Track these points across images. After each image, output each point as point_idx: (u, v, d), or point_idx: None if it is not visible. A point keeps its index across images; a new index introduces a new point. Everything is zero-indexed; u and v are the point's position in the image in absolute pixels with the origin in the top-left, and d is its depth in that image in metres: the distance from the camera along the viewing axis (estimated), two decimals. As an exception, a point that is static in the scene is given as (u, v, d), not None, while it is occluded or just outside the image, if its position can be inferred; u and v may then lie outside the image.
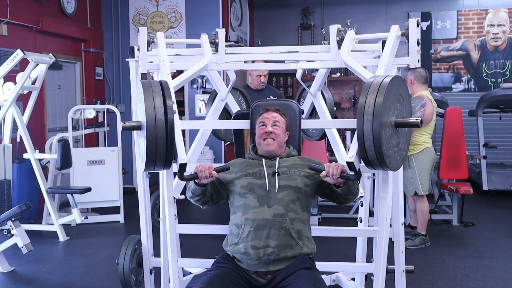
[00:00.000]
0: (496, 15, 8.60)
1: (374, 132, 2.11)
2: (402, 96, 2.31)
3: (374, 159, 2.17)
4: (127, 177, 6.85)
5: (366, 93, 2.17)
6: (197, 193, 2.51)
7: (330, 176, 2.31)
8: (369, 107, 2.13)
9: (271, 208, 2.46)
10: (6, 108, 5.05)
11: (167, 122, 2.21)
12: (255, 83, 5.10)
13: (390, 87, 2.17)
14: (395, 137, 2.25)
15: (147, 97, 2.23)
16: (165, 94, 2.26)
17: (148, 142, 2.20)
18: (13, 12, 5.86)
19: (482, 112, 6.94)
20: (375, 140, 2.11)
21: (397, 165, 2.31)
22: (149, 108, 2.20)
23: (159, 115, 2.20)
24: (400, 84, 2.29)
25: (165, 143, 2.22)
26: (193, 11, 7.57)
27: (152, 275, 3.17)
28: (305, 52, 3.03)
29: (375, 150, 2.13)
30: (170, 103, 2.24)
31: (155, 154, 2.22)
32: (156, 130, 2.19)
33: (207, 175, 2.38)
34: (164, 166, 2.31)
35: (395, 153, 2.27)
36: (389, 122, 2.18)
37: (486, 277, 3.97)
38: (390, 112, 2.19)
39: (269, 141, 2.62)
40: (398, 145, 2.29)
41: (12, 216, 4.09)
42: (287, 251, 2.43)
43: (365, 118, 2.13)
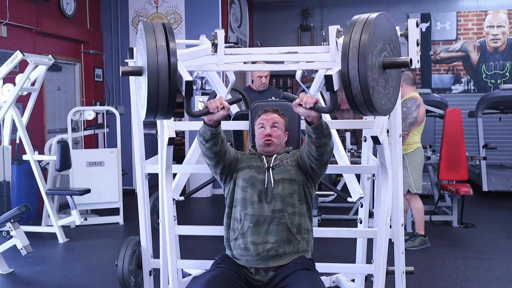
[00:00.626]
0: (495, 16, 8.61)
1: (360, 71, 1.91)
2: (391, 38, 2.13)
3: (361, 103, 1.95)
4: (127, 179, 6.85)
5: (351, 31, 1.98)
6: (207, 137, 2.36)
7: (303, 104, 2.15)
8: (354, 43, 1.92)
9: (269, 204, 2.47)
10: (6, 109, 5.04)
11: (170, 65, 2.01)
12: (256, 84, 5.12)
13: (376, 23, 1.99)
14: (382, 81, 2.05)
15: (148, 38, 2.03)
16: (168, 35, 2.06)
17: (149, 87, 2.01)
18: (13, 13, 5.86)
19: (482, 113, 6.94)
20: (362, 81, 1.91)
21: (382, 107, 2.05)
22: (150, 51, 2.01)
23: (162, 58, 2.01)
24: (388, 23, 2.11)
25: (168, 88, 2.02)
26: (192, 13, 7.58)
27: (151, 276, 3.16)
28: (304, 53, 3.03)
29: (362, 92, 1.92)
30: (173, 45, 2.04)
31: (157, 100, 2.03)
32: (158, 74, 2.00)
33: (218, 105, 2.22)
34: (167, 114, 2.11)
35: (381, 93, 2.04)
36: (376, 62, 1.98)
37: (486, 278, 3.96)
38: (376, 50, 1.99)
39: (268, 142, 2.62)
40: (384, 88, 2.08)
41: (11, 218, 4.08)
42: (286, 246, 2.44)
43: (350, 55, 1.92)
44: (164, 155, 2.63)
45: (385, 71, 2.05)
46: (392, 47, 2.12)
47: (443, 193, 5.80)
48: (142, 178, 3.10)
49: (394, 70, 2.15)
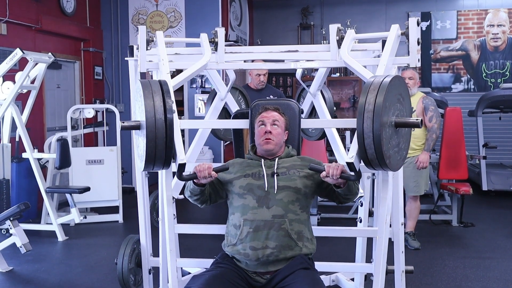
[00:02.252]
0: (496, 15, 8.60)
1: (374, 131, 2.09)
2: (402, 96, 2.30)
3: (374, 159, 2.15)
4: (126, 177, 6.85)
5: (367, 92, 2.15)
6: (196, 193, 2.50)
7: (330, 176, 2.30)
8: (370, 105, 2.11)
9: (270, 209, 2.45)
10: (5, 107, 5.04)
11: (166, 122, 2.19)
12: (254, 83, 5.09)
13: (390, 86, 2.15)
14: (395, 137, 2.24)
15: (146, 96, 2.22)
16: (164, 93, 2.25)
17: (148, 141, 2.19)
18: (13, 11, 5.85)
19: (481, 112, 6.94)
20: (375, 139, 2.10)
21: (397, 165, 2.30)
22: (148, 108, 2.19)
23: (159, 115, 2.19)
24: (400, 84, 2.28)
25: (165, 143, 2.20)
26: (192, 11, 7.57)
27: (151, 275, 3.16)
28: (304, 52, 3.02)
29: (375, 149, 2.11)
30: (169, 103, 2.23)
31: (154, 153, 2.21)
32: (156, 130, 2.18)
33: (206, 175, 2.37)
34: (163, 166, 2.29)
35: (395, 153, 2.25)
36: (389, 122, 2.16)
37: (486, 278, 3.96)
38: (390, 112, 2.18)
39: (268, 141, 2.61)
40: (398, 145, 2.28)
41: (11, 216, 4.08)
42: (287, 252, 2.42)
43: (366, 116, 2.11)
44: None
45: (397, 129, 2.26)
46: (402, 98, 2.32)
47: (442, 192, 5.79)
48: (142, 176, 3.10)
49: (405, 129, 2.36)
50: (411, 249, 4.57)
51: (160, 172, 2.66)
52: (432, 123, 4.56)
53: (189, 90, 7.61)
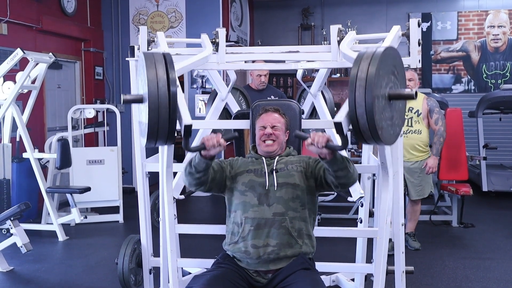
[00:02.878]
0: (496, 16, 8.60)
1: (366, 99, 1.96)
2: (396, 69, 2.17)
3: (365, 129, 2.01)
4: (127, 177, 6.85)
5: (359, 63, 2.03)
6: (200, 168, 2.39)
7: (315, 144, 2.18)
8: (362, 73, 1.98)
9: (270, 207, 2.46)
10: (6, 107, 5.04)
11: (170, 93, 2.08)
12: (255, 83, 5.10)
13: (384, 56, 2.03)
14: (388, 110, 2.11)
15: (149, 67, 2.10)
16: (168, 65, 2.13)
17: (150, 113, 2.06)
18: (13, 11, 5.86)
19: (482, 113, 6.93)
20: (367, 108, 1.97)
21: (390, 139, 2.14)
22: (151, 80, 2.08)
23: (162, 86, 2.07)
24: (395, 56, 2.16)
25: (168, 115, 2.08)
26: (193, 11, 7.57)
27: (151, 275, 3.16)
28: (305, 52, 3.03)
29: (367, 118, 1.98)
30: (173, 74, 2.11)
31: (157, 127, 2.09)
32: (159, 101, 2.06)
33: (215, 143, 2.26)
34: (167, 140, 2.17)
35: (388, 126, 2.11)
36: (382, 93, 2.04)
37: (486, 278, 3.97)
38: (384, 82, 2.05)
39: (269, 142, 2.62)
40: (391, 119, 2.15)
41: (11, 216, 4.09)
42: (287, 249, 2.43)
43: (358, 85, 1.98)
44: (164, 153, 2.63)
45: (391, 102, 2.12)
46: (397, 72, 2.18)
47: (443, 193, 5.79)
48: (143, 176, 3.10)
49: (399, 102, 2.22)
50: (411, 250, 4.56)
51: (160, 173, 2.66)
52: (438, 126, 4.47)
53: (189, 90, 7.61)
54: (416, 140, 4.47)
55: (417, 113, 4.47)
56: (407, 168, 4.42)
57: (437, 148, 4.49)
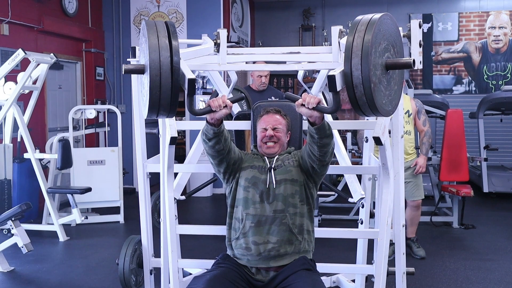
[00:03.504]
0: (497, 17, 8.60)
1: (362, 70, 1.90)
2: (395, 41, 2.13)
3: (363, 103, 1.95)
4: (128, 178, 6.85)
5: (354, 30, 1.99)
6: (210, 135, 2.36)
7: (305, 105, 2.17)
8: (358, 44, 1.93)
9: (271, 204, 2.48)
10: (7, 107, 5.05)
11: (172, 63, 2.01)
12: (256, 84, 5.10)
13: (380, 24, 1.99)
14: (385, 80, 2.05)
15: (151, 37, 2.02)
16: (171, 35, 2.06)
17: (152, 83, 2.00)
18: (15, 11, 5.87)
19: (483, 114, 6.93)
20: (364, 78, 1.91)
21: (385, 109, 2.07)
22: (153, 49, 2.01)
23: (164, 55, 2.00)
24: (392, 24, 2.11)
25: (170, 86, 2.01)
26: (194, 12, 7.58)
27: (152, 275, 3.16)
28: (306, 53, 3.03)
29: (364, 90, 1.92)
30: (175, 44, 2.03)
31: (159, 98, 2.02)
32: (161, 72, 1.99)
33: (221, 103, 2.22)
34: (169, 112, 2.10)
35: (385, 96, 2.05)
36: (379, 62, 1.98)
37: (487, 280, 3.96)
38: (379, 50, 1.99)
39: (270, 144, 2.63)
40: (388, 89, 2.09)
41: (12, 216, 4.09)
42: (287, 246, 2.45)
43: (354, 53, 1.92)
44: (165, 154, 2.63)
45: (388, 72, 2.05)
46: (396, 50, 2.12)
47: (443, 194, 5.79)
48: (144, 177, 3.10)
49: (396, 73, 2.15)
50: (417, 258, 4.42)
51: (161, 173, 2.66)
52: (426, 127, 4.48)
53: (190, 91, 7.60)
54: (407, 141, 4.37)
55: (407, 113, 4.39)
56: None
57: (427, 148, 4.49)
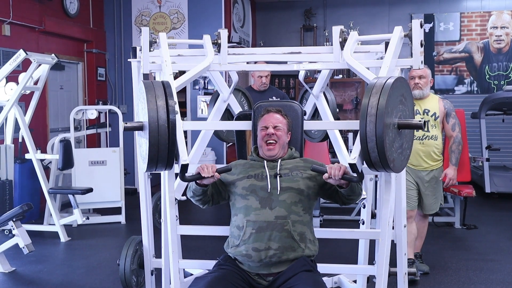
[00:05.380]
0: (499, 17, 8.59)
1: (377, 133, 2.08)
2: (404, 96, 2.29)
3: (377, 161, 2.14)
4: (129, 178, 6.85)
5: (369, 94, 2.14)
6: (198, 193, 2.51)
7: (332, 177, 2.29)
8: (372, 108, 2.10)
9: (273, 210, 2.45)
10: (8, 108, 5.05)
11: (169, 123, 2.20)
12: (257, 84, 5.10)
13: (393, 88, 2.15)
14: (398, 139, 2.23)
15: (149, 97, 2.22)
16: (167, 94, 2.25)
17: (150, 143, 2.19)
18: (16, 12, 5.87)
19: (485, 115, 6.91)
20: (378, 142, 2.09)
21: (401, 166, 2.29)
22: (151, 109, 2.19)
23: (162, 116, 2.19)
24: (402, 85, 2.27)
25: (167, 144, 2.21)
26: (195, 12, 7.58)
27: (153, 276, 3.16)
28: (307, 53, 3.02)
29: (378, 152, 2.10)
30: (172, 104, 2.23)
31: (157, 155, 2.22)
32: (159, 131, 2.18)
33: (209, 175, 2.38)
34: (166, 167, 2.30)
35: (399, 154, 2.24)
36: (392, 123, 2.16)
37: (489, 280, 3.95)
38: (393, 114, 2.17)
39: (271, 146, 2.62)
40: (401, 146, 2.27)
41: (14, 216, 4.09)
42: (289, 253, 2.42)
43: (368, 120, 2.10)
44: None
45: (400, 130, 2.25)
46: (405, 98, 2.30)
47: (445, 194, 5.77)
48: (145, 177, 3.10)
49: (407, 131, 2.35)
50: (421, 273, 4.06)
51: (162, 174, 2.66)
52: (456, 132, 3.98)
53: (192, 91, 7.62)
54: (432, 147, 3.91)
55: (434, 116, 3.89)
56: (421, 178, 3.95)
57: (456, 157, 3.99)
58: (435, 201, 4.06)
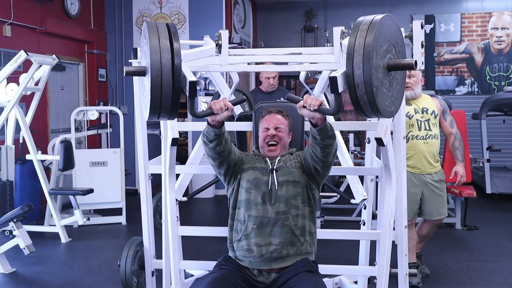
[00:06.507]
0: (500, 18, 8.58)
1: (364, 69, 1.90)
2: (397, 42, 2.13)
3: (364, 103, 1.95)
4: (130, 179, 6.85)
5: (356, 31, 1.99)
6: (211, 137, 2.37)
7: (307, 106, 2.17)
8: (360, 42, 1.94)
9: (273, 205, 2.47)
10: (9, 109, 5.05)
11: (173, 66, 2.01)
12: (264, 86, 5.12)
13: (381, 25, 2.00)
14: (387, 81, 2.05)
15: (152, 37, 2.03)
16: (172, 36, 2.06)
17: (153, 84, 2.01)
18: (17, 13, 5.87)
19: (485, 115, 6.92)
20: (365, 75, 1.91)
21: (388, 110, 2.06)
22: (154, 49, 2.01)
23: (165, 57, 2.01)
24: (393, 24, 2.12)
25: (171, 87, 2.01)
26: (196, 13, 7.58)
27: (153, 277, 3.16)
28: (308, 54, 3.02)
29: (366, 90, 1.92)
30: (176, 46, 2.04)
31: (160, 100, 2.02)
32: (162, 73, 2.00)
33: (222, 106, 2.22)
34: (170, 115, 2.10)
35: (387, 97, 2.05)
36: (380, 63, 1.98)
37: (490, 281, 3.95)
38: (381, 51, 2.00)
39: (272, 148, 2.62)
40: (391, 90, 2.09)
41: (14, 217, 4.09)
42: (290, 248, 2.44)
43: (356, 53, 1.93)
44: (167, 155, 2.62)
45: (390, 73, 2.05)
46: (398, 50, 2.12)
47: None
48: (145, 178, 3.10)
49: (399, 74, 2.16)
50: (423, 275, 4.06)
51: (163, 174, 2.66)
52: (455, 129, 3.89)
53: (192, 92, 7.61)
54: (435, 146, 3.77)
55: (433, 114, 3.78)
56: (426, 183, 3.79)
57: (462, 153, 3.89)
58: (442, 205, 3.89)
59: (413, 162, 3.72)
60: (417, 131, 3.72)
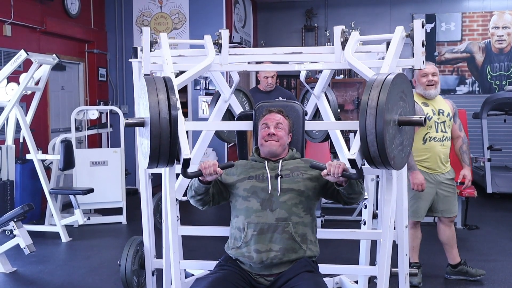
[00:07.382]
0: (501, 17, 8.57)
1: (377, 128, 2.05)
2: (404, 93, 2.26)
3: (376, 156, 2.10)
4: (130, 178, 6.85)
5: (370, 90, 2.12)
6: (200, 192, 2.47)
7: (331, 174, 2.26)
8: (373, 102, 2.07)
9: (273, 212, 2.45)
10: (10, 108, 5.05)
11: (171, 118, 2.16)
12: (263, 85, 5.12)
13: (393, 84, 2.12)
14: (399, 136, 2.20)
15: (150, 92, 2.17)
16: (169, 89, 2.21)
17: (152, 138, 2.15)
18: (17, 12, 5.87)
19: (486, 115, 6.91)
20: (378, 137, 2.05)
21: (401, 163, 2.26)
22: (153, 103, 2.15)
23: (163, 111, 2.15)
24: (403, 81, 2.25)
25: (169, 140, 2.17)
26: (196, 13, 7.58)
27: (154, 276, 3.16)
28: (309, 53, 3.01)
29: (378, 146, 2.06)
30: (173, 99, 2.19)
31: (159, 150, 2.17)
32: (160, 126, 2.14)
33: (212, 172, 2.33)
34: (168, 163, 2.26)
35: (400, 151, 2.21)
36: (392, 120, 2.13)
37: (491, 281, 3.94)
38: (393, 110, 2.14)
39: (272, 142, 2.61)
40: (402, 143, 2.24)
41: (15, 217, 4.09)
42: (291, 255, 2.42)
43: (368, 112, 2.06)
44: (167, 155, 2.61)
45: (401, 128, 2.22)
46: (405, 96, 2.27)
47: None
48: (146, 178, 3.10)
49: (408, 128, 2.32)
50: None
51: (163, 174, 2.65)
52: (463, 132, 3.95)
53: (193, 92, 7.62)
54: (448, 148, 3.83)
55: (448, 116, 3.78)
56: (440, 182, 3.82)
57: (469, 157, 3.96)
58: (455, 202, 3.95)
59: (429, 163, 3.75)
60: (435, 133, 3.72)
